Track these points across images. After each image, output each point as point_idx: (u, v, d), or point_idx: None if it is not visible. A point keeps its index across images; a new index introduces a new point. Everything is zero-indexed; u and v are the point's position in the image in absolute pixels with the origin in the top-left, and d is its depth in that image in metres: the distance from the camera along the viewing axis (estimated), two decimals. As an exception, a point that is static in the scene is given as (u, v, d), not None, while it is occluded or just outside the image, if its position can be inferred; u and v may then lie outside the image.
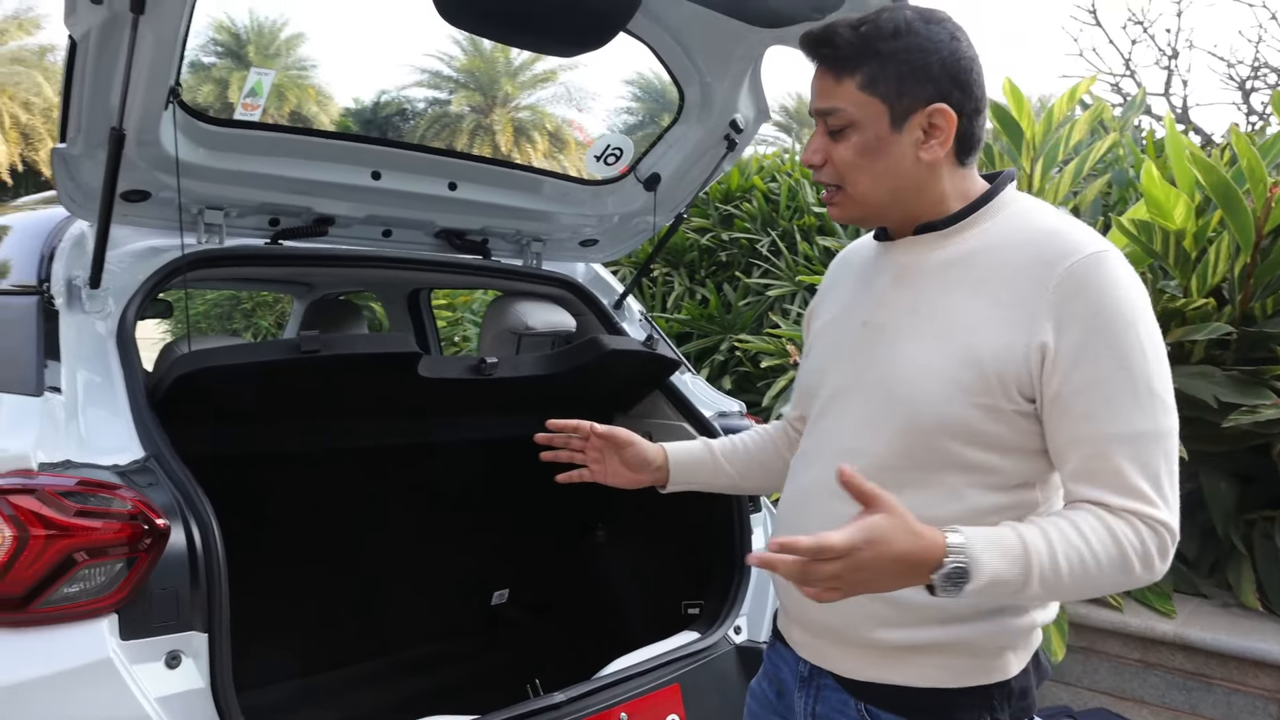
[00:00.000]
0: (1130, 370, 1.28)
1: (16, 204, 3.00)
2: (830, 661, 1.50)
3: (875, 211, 1.47)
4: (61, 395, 1.96)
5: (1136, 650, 3.35)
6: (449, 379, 2.45)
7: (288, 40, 37.09)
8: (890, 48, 1.38)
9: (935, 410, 1.36)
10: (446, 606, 3.21)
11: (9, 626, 1.67)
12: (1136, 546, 1.26)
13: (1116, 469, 1.28)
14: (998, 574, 1.23)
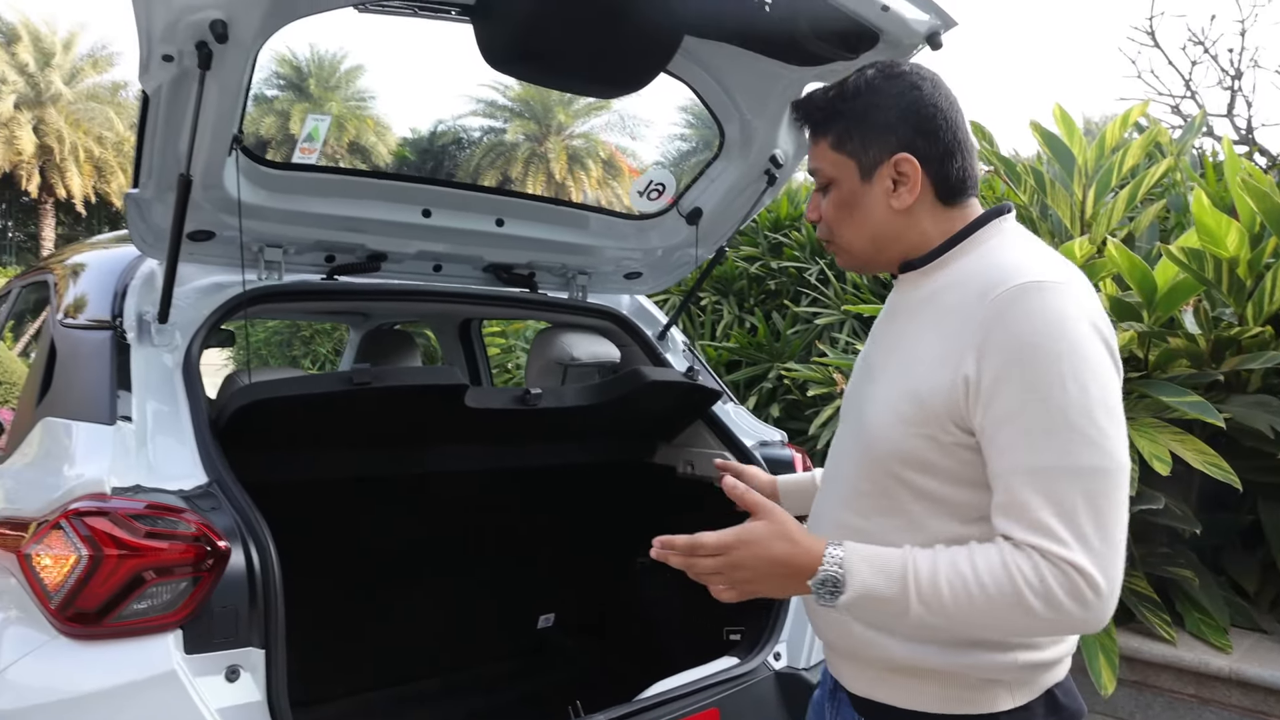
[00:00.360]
0: (1046, 403, 1.26)
1: (93, 241, 3.16)
2: (843, 677, 1.56)
3: (864, 259, 1.54)
4: (132, 424, 2.09)
5: (1191, 685, 3.29)
6: (495, 409, 2.54)
7: (347, 72, 37.80)
8: (852, 107, 1.46)
9: (885, 440, 1.40)
10: (493, 630, 3.29)
11: (84, 639, 1.80)
12: (1033, 583, 1.23)
13: (1024, 503, 1.26)
14: (870, 587, 1.27)
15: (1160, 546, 3.63)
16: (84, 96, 31.78)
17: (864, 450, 1.45)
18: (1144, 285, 3.61)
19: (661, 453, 3.21)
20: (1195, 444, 3.36)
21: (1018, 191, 4.88)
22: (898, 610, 1.28)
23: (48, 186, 30.85)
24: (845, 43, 2.31)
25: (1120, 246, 3.60)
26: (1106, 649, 3.29)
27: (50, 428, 2.24)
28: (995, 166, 5.14)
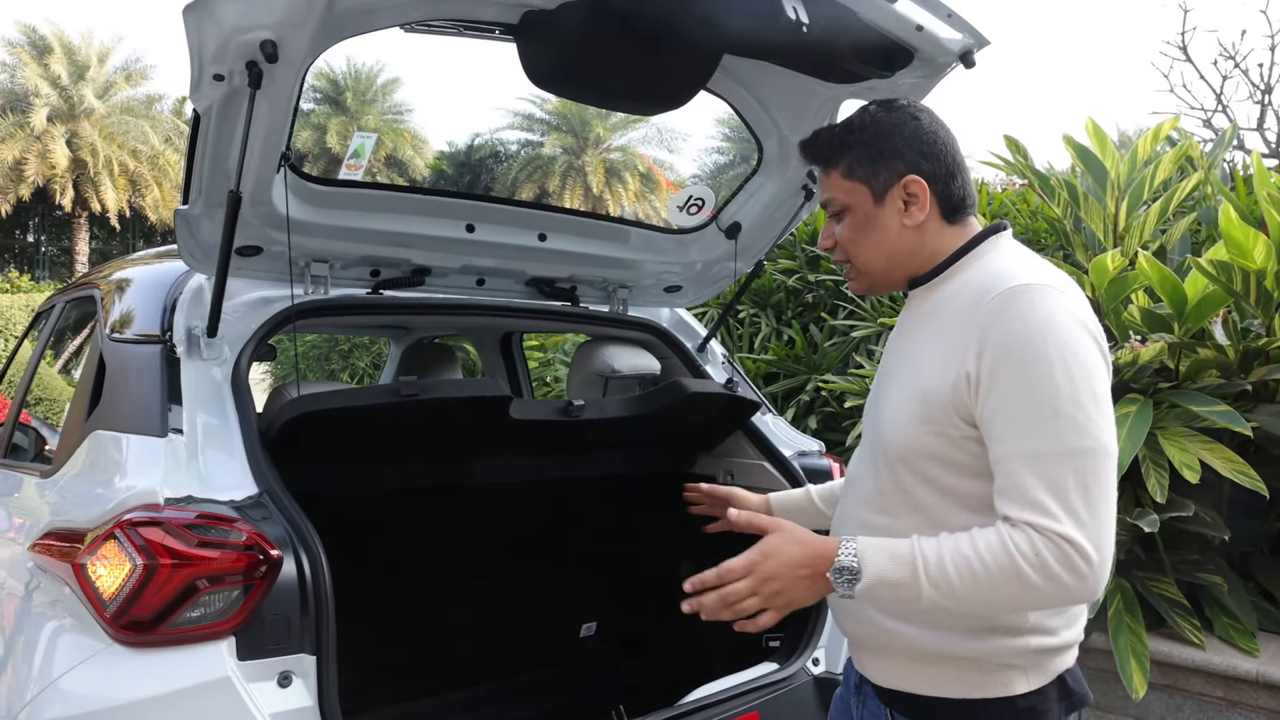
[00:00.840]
0: (1034, 394, 1.38)
1: (135, 257, 3.22)
2: (868, 670, 1.66)
3: (880, 278, 1.67)
4: (183, 436, 2.13)
5: (1220, 688, 3.33)
6: (539, 420, 2.57)
7: (384, 86, 37.89)
8: (859, 138, 1.61)
9: (901, 440, 1.53)
10: (535, 638, 3.32)
11: (139, 647, 1.84)
12: (1029, 556, 1.34)
13: (1019, 484, 1.38)
14: (884, 573, 1.39)
15: (1190, 553, 3.65)
16: (118, 110, 32.03)
17: (882, 452, 1.58)
18: (1174, 297, 3.63)
19: (701, 463, 3.23)
20: (1224, 452, 3.39)
21: (1051, 204, 4.88)
22: (911, 594, 1.39)
23: (82, 200, 31.09)
24: (881, 61, 2.33)
25: (1151, 259, 3.62)
26: (1138, 653, 3.31)
27: (100, 440, 2.29)
28: (1030, 180, 5.14)
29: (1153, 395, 3.64)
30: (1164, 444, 3.44)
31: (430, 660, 3.04)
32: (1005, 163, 5.43)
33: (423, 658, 3.01)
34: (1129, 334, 3.92)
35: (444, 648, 3.07)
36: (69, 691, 1.84)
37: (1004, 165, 5.48)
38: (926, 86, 2.48)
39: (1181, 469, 3.31)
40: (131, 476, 2.06)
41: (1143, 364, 3.65)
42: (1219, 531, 3.45)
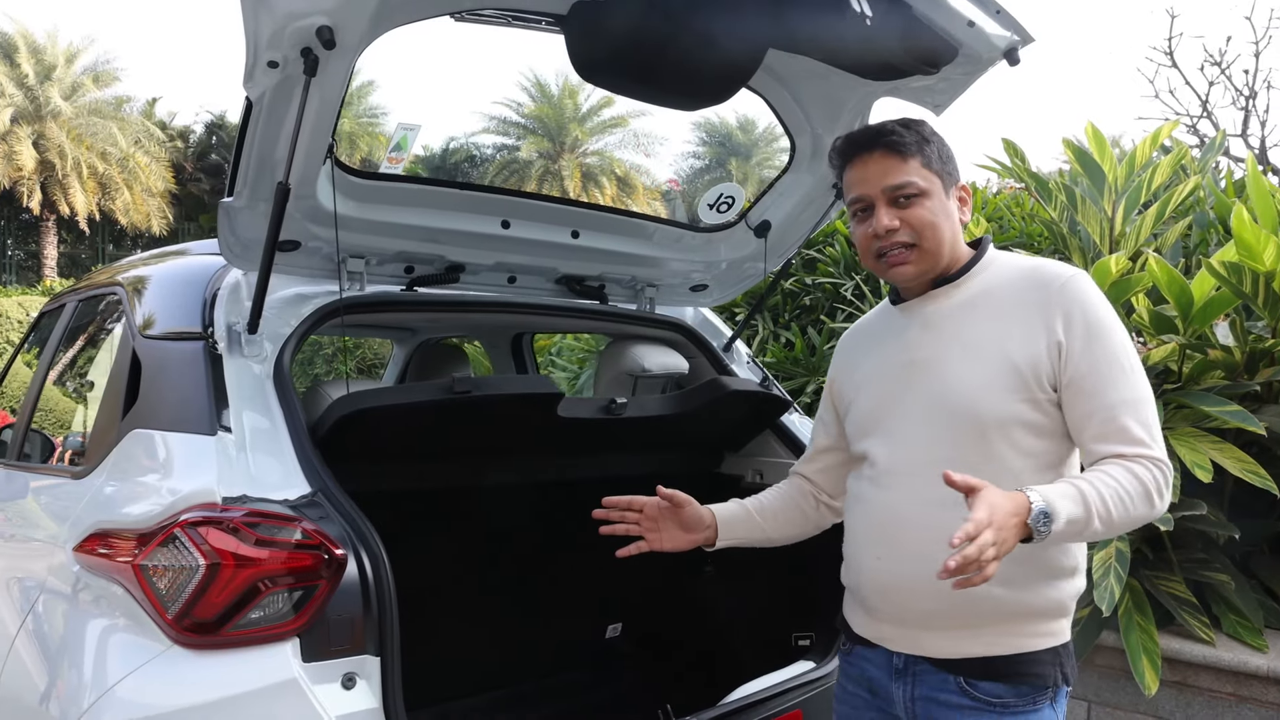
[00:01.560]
0: (1116, 354, 1.72)
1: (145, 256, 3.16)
2: (925, 647, 1.81)
3: (933, 265, 1.85)
4: (232, 434, 2.09)
5: (1229, 684, 3.36)
6: (582, 418, 2.56)
7: (359, 89, 37.54)
8: (932, 139, 1.85)
9: (994, 411, 1.73)
10: (562, 640, 3.30)
11: (202, 649, 1.81)
12: (1151, 482, 1.65)
13: (1123, 427, 1.68)
14: (1071, 514, 1.57)
15: (1195, 552, 3.68)
16: (86, 112, 31.57)
17: (973, 427, 1.75)
18: (1181, 299, 3.66)
19: (729, 462, 3.23)
20: (1234, 452, 3.43)
21: (1047, 207, 4.93)
22: (1082, 527, 1.60)
23: (50, 203, 30.54)
24: (927, 57, 2.35)
25: (1160, 260, 3.65)
26: (1149, 650, 3.34)
27: (141, 440, 2.24)
28: (1026, 183, 5.19)
29: (1160, 397, 3.68)
30: (1174, 444, 3.47)
31: (459, 661, 3.01)
32: (1002, 166, 5.48)
33: (452, 659, 2.98)
34: (1132, 335, 3.95)
35: (472, 649, 3.04)
36: (130, 695, 1.80)
37: (1001, 169, 5.54)
38: (965, 84, 2.49)
39: (1193, 469, 3.34)
40: (183, 476, 2.01)
41: (1151, 364, 3.69)
42: (1227, 530, 3.48)
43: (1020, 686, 1.75)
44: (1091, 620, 3.49)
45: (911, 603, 1.79)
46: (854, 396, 1.99)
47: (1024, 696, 1.75)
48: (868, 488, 1.89)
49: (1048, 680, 1.77)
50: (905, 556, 1.78)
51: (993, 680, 1.75)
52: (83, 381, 3.50)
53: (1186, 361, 3.77)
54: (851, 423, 2.00)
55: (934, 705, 1.80)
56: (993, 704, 1.75)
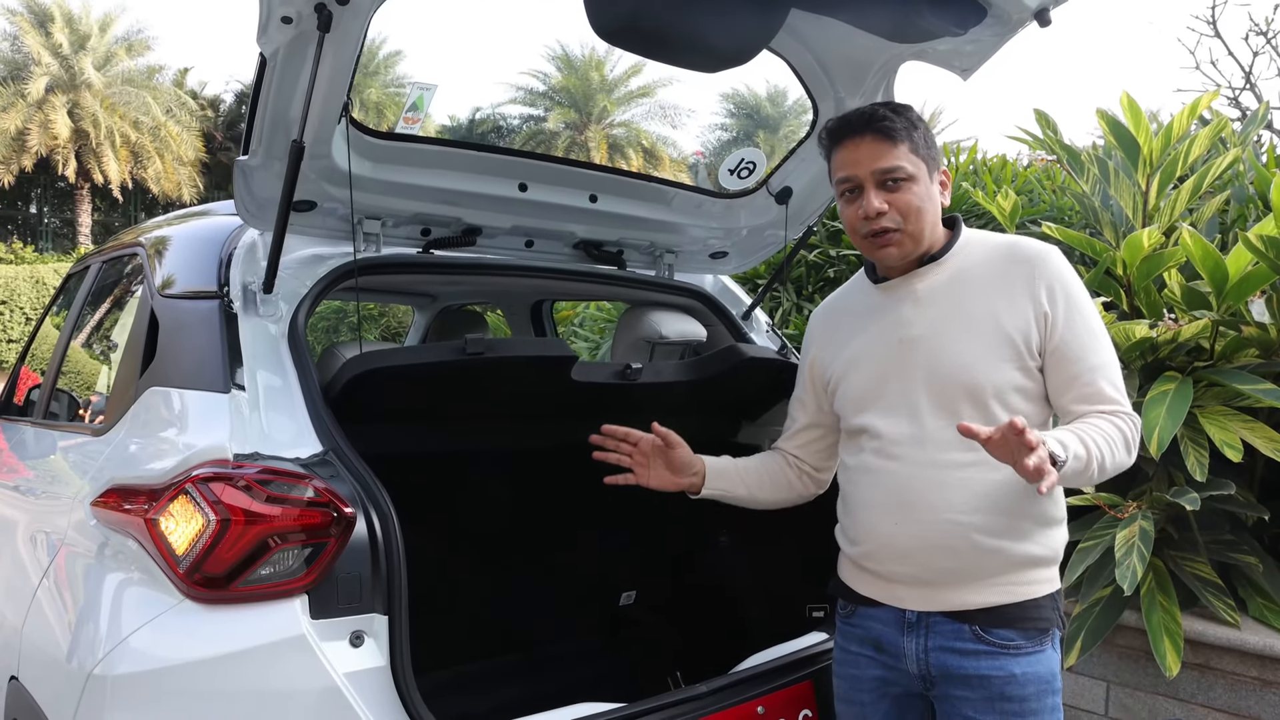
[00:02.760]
0: (1091, 322, 1.93)
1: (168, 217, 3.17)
2: (940, 602, 1.94)
3: (918, 245, 1.98)
4: (245, 393, 2.09)
5: (1254, 668, 3.31)
6: (596, 383, 2.54)
7: (386, 59, 37.67)
8: (919, 125, 1.98)
9: (992, 379, 1.89)
10: (577, 606, 3.30)
11: (212, 604, 1.82)
12: (1128, 432, 1.87)
13: (1099, 390, 1.89)
14: (1077, 451, 1.73)
15: (1223, 533, 3.62)
16: (119, 81, 31.83)
17: (966, 394, 1.90)
18: (1215, 274, 3.59)
19: (745, 432, 3.21)
20: (1266, 431, 3.36)
21: (1079, 180, 4.84)
22: (1083, 467, 1.77)
23: (84, 172, 30.91)
24: (954, 17, 2.30)
25: (1195, 234, 3.58)
26: (1171, 632, 3.29)
27: (159, 397, 2.25)
28: (1058, 155, 5.09)
29: (1190, 374, 3.61)
30: (1204, 423, 3.41)
31: (473, 626, 3.02)
32: (1033, 138, 5.38)
33: (466, 623, 2.99)
34: (1162, 311, 3.89)
35: (486, 613, 3.05)
36: (142, 647, 1.82)
37: (1032, 141, 5.44)
38: (994, 46, 2.44)
39: (1223, 448, 3.28)
40: (197, 432, 2.03)
41: (1182, 342, 3.62)
42: (1256, 511, 3.43)
43: (1028, 630, 1.92)
44: (1113, 600, 3.44)
45: (932, 562, 1.93)
46: (844, 373, 2.10)
47: (1031, 639, 1.93)
48: (873, 459, 2.01)
49: (1050, 623, 1.95)
50: (925, 520, 1.92)
51: (1004, 627, 1.91)
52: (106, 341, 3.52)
53: (1219, 339, 3.70)
54: (843, 399, 2.11)
55: (948, 654, 1.94)
56: (1006, 647, 1.91)
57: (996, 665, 1.90)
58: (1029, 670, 1.91)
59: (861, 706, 2.10)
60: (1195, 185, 4.37)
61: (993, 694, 1.90)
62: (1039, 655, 1.93)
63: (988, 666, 1.90)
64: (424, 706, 1.88)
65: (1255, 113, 5.37)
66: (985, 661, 1.91)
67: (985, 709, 1.91)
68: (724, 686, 2.34)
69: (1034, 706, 1.91)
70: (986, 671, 1.90)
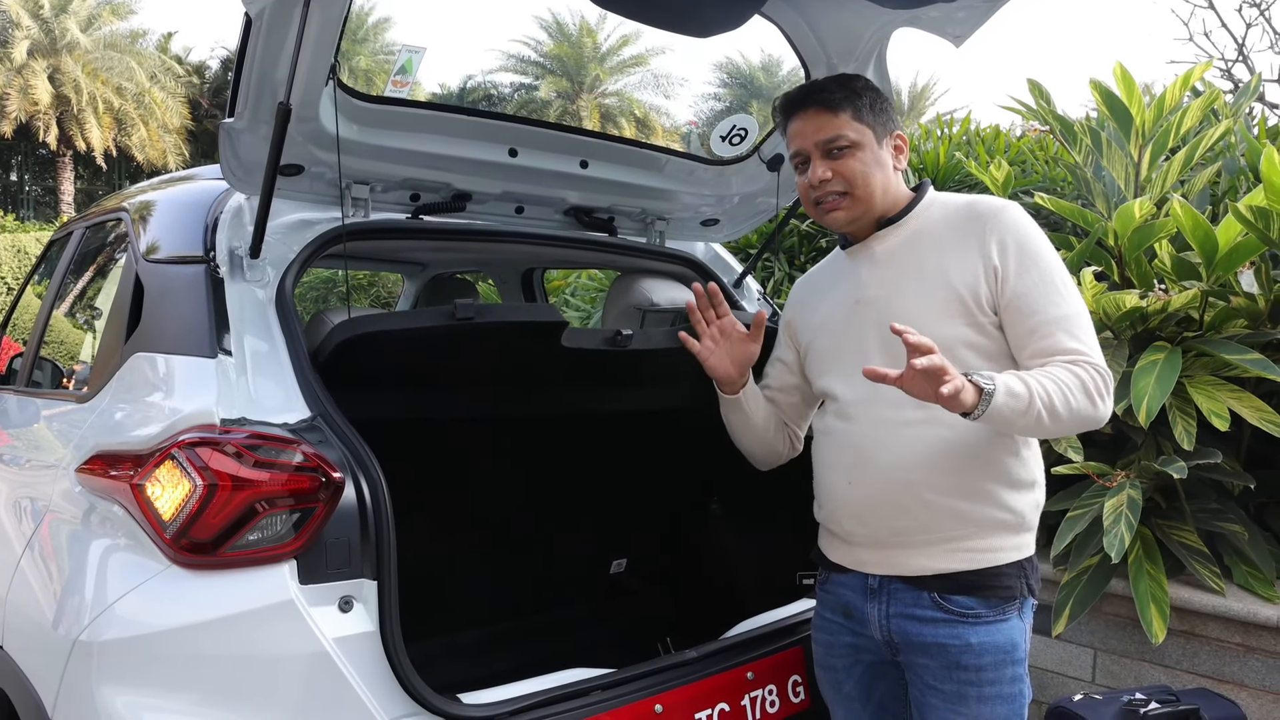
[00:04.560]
0: (1050, 275, 1.88)
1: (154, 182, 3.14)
2: (900, 566, 1.96)
3: (866, 211, 2.02)
4: (232, 358, 2.07)
5: (1238, 634, 3.35)
6: (586, 349, 2.53)
7: (375, 25, 37.28)
8: (866, 93, 2.02)
9: (937, 334, 1.79)
10: (567, 574, 3.30)
11: (199, 569, 1.81)
12: (1091, 383, 1.81)
13: (1059, 341, 1.84)
14: (1010, 386, 1.73)
15: (1209, 502, 3.65)
16: (102, 45, 31.35)
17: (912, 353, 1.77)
18: (1205, 244, 3.59)
19: None
20: (1253, 401, 3.38)
21: (1072, 151, 4.83)
22: (1024, 406, 1.74)
23: (66, 139, 30.51)
24: None
25: (1185, 205, 3.58)
26: (1158, 599, 3.32)
27: (143, 362, 2.24)
28: (1051, 126, 5.07)
29: (1179, 344, 3.62)
30: (1192, 392, 3.42)
31: (464, 594, 3.02)
32: (1026, 108, 5.36)
33: (457, 591, 2.99)
34: (1152, 282, 3.89)
35: (477, 581, 3.05)
36: (129, 613, 1.82)
37: (1025, 111, 5.42)
38: (986, 13, 2.42)
39: (1210, 417, 3.30)
40: (183, 397, 2.01)
41: (1171, 312, 3.63)
42: (1243, 480, 3.45)
43: (990, 599, 1.92)
44: (1100, 568, 3.47)
45: (885, 520, 1.96)
46: (812, 338, 2.16)
47: (994, 608, 1.92)
48: (834, 421, 2.06)
49: (1014, 592, 1.94)
50: (875, 478, 1.96)
51: (964, 594, 1.91)
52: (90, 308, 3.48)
53: (1208, 309, 3.71)
54: (812, 364, 2.17)
55: (908, 621, 1.95)
56: (965, 615, 1.91)
57: (954, 634, 1.91)
58: (986, 640, 1.90)
59: (835, 672, 2.15)
60: (1187, 157, 4.37)
61: (949, 663, 1.91)
62: (1000, 625, 1.92)
63: (945, 635, 1.91)
64: (413, 671, 1.88)
65: (1247, 85, 5.35)
66: (943, 629, 1.91)
67: (944, 677, 1.92)
68: (714, 652, 2.36)
69: (990, 676, 1.91)
70: (944, 640, 1.91)
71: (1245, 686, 3.31)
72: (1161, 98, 4.53)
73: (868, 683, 2.11)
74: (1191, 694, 2.92)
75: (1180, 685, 3.30)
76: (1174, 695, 2.83)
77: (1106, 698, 2.83)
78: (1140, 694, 2.83)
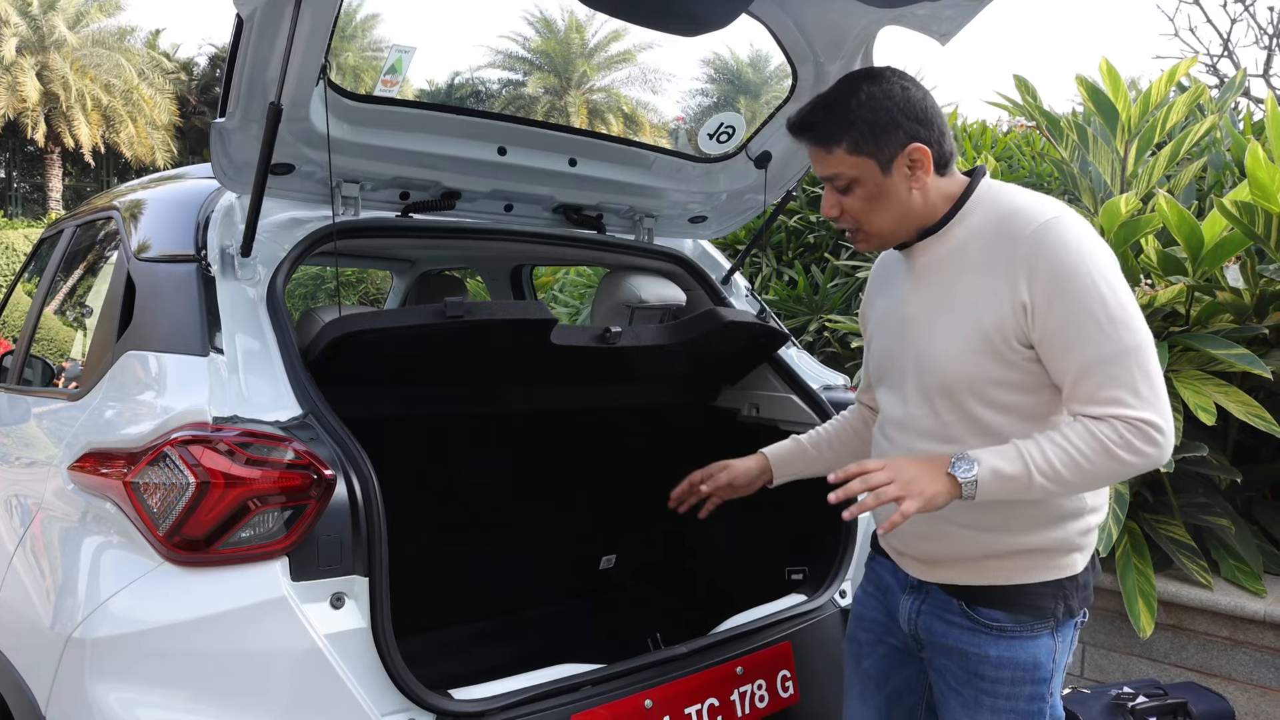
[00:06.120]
0: (1089, 308, 1.63)
1: (144, 180, 3.14)
2: (938, 576, 1.91)
3: (890, 237, 1.86)
4: (224, 356, 2.08)
5: (1225, 628, 3.38)
6: (575, 346, 2.54)
7: (363, 22, 37.15)
8: (860, 115, 1.75)
9: (961, 370, 1.75)
10: (556, 570, 3.31)
11: (192, 566, 1.82)
12: (1115, 440, 1.62)
13: (1093, 388, 1.64)
14: (996, 466, 1.63)
15: (1197, 496, 3.68)
16: (90, 42, 31.18)
17: (942, 387, 1.79)
18: (1191, 240, 3.62)
19: (725, 396, 3.22)
20: (1239, 395, 3.40)
21: (1058, 146, 4.85)
22: (1022, 484, 1.63)
23: (54, 136, 30.37)
24: None
25: (1171, 200, 3.60)
26: (1145, 593, 3.35)
27: (135, 361, 2.24)
28: (1038, 121, 5.11)
29: (1165, 339, 3.65)
30: (1179, 387, 3.45)
31: (454, 590, 3.03)
32: (1013, 104, 5.39)
33: (447, 587, 3.00)
34: (1139, 277, 3.91)
35: (466, 577, 3.06)
36: (122, 610, 1.82)
37: (1012, 107, 5.44)
38: (972, 11, 2.43)
39: (1197, 411, 3.32)
40: (175, 395, 2.01)
41: (1158, 306, 3.65)
42: (1229, 474, 3.47)
43: (1020, 615, 1.83)
44: (1089, 561, 3.49)
45: (913, 545, 1.92)
46: (872, 335, 2.05)
47: (1022, 624, 1.83)
48: (878, 436, 1.99)
49: (1047, 611, 1.83)
50: None
51: (991, 607, 1.84)
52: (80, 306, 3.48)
53: (1195, 304, 3.73)
54: (871, 360, 2.06)
55: (935, 620, 1.92)
56: (990, 628, 1.84)
57: (974, 642, 1.86)
58: (1006, 655, 1.83)
59: (859, 645, 2.13)
60: (1173, 152, 4.39)
61: (969, 669, 1.87)
62: (1025, 641, 1.84)
63: (966, 641, 1.87)
64: (405, 668, 1.89)
65: (1232, 80, 5.39)
66: (966, 636, 1.87)
67: (963, 681, 1.89)
68: (703, 647, 2.37)
69: (1007, 691, 1.85)
70: (964, 646, 1.87)
71: (1233, 680, 3.34)
72: (1147, 93, 4.56)
73: (887, 667, 2.08)
74: (1179, 687, 2.94)
75: (1168, 679, 3.32)
76: (1162, 689, 2.86)
77: (1095, 692, 2.85)
78: (1128, 688, 2.85)
